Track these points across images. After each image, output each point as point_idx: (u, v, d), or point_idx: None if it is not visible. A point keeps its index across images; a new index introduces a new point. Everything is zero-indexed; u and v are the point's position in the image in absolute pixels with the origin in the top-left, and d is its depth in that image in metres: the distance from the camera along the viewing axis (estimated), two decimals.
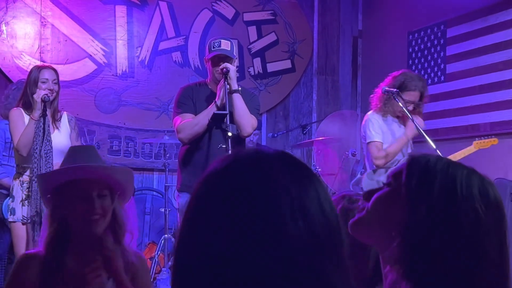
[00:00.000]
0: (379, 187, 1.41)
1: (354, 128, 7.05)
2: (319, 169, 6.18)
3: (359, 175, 6.58)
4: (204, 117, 4.19)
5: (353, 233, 1.41)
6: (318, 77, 7.43)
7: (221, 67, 4.19)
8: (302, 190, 0.99)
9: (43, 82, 4.24)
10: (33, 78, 4.26)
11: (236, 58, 4.39)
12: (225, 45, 4.29)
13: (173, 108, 4.48)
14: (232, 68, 4.19)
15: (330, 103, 7.45)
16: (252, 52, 7.12)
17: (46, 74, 4.27)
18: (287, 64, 7.29)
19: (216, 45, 4.27)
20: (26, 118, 4.22)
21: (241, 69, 7.02)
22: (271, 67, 7.21)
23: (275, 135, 6.87)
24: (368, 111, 4.98)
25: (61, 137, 4.35)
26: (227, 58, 4.22)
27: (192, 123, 4.23)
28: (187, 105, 4.34)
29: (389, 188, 1.37)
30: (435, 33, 6.33)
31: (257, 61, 7.14)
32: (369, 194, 1.41)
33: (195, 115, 4.27)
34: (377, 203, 1.37)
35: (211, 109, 4.17)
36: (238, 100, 4.21)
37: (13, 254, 4.51)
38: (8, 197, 4.55)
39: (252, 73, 7.12)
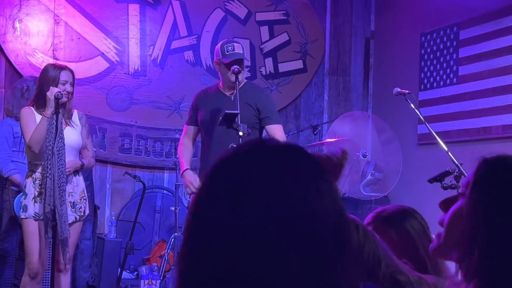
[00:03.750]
0: (454, 195, 1.33)
1: (365, 129, 7.03)
2: None
3: (369, 176, 6.59)
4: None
5: (433, 257, 1.36)
6: (330, 77, 7.42)
7: (232, 67, 4.44)
8: (311, 184, 0.96)
9: (63, 84, 4.26)
10: (51, 77, 4.25)
11: (247, 60, 4.73)
12: (238, 48, 4.55)
13: None
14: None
15: (341, 104, 7.44)
16: (264, 52, 7.12)
17: (65, 76, 4.29)
18: (298, 64, 7.28)
19: (230, 49, 4.51)
20: (38, 117, 4.24)
21: (252, 69, 7.04)
22: (283, 67, 7.21)
23: (286, 135, 6.86)
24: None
25: (73, 134, 4.38)
26: (241, 61, 4.53)
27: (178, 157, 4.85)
28: (191, 115, 4.76)
29: (462, 199, 1.28)
30: (447, 35, 6.31)
31: (269, 61, 7.14)
32: (444, 204, 1.35)
33: (196, 126, 4.71)
34: (451, 224, 1.30)
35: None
36: None
37: (23, 251, 4.54)
38: (20, 194, 4.59)
39: (264, 73, 7.12)
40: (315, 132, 6.71)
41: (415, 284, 1.62)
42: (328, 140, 6.43)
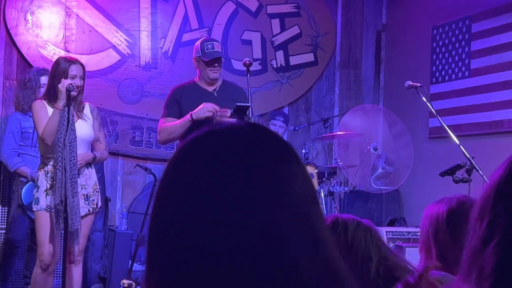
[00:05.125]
0: None
1: (376, 123, 7.02)
2: (340, 163, 6.18)
3: (380, 170, 6.58)
4: (179, 128, 4.47)
5: None
6: (341, 70, 7.41)
7: (244, 60, 4.70)
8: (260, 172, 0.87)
9: (72, 78, 4.28)
10: (61, 71, 4.28)
11: (226, 58, 4.93)
12: (218, 46, 4.71)
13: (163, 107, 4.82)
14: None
15: (352, 97, 7.42)
16: (275, 44, 7.11)
17: (75, 70, 4.30)
18: (310, 57, 7.27)
19: (210, 47, 4.67)
20: (50, 110, 4.27)
21: (263, 62, 7.03)
22: (294, 60, 7.19)
23: (297, 128, 6.86)
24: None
25: (85, 127, 4.40)
26: (220, 59, 4.69)
27: (169, 131, 4.55)
28: (172, 108, 4.67)
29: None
30: (459, 28, 6.28)
31: (280, 54, 7.13)
32: None
33: (178, 118, 4.59)
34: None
35: (186, 122, 4.44)
36: None
37: (34, 242, 4.57)
38: (30, 183, 4.64)
39: (275, 66, 7.11)
40: (326, 126, 6.70)
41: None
42: (339, 133, 6.43)
